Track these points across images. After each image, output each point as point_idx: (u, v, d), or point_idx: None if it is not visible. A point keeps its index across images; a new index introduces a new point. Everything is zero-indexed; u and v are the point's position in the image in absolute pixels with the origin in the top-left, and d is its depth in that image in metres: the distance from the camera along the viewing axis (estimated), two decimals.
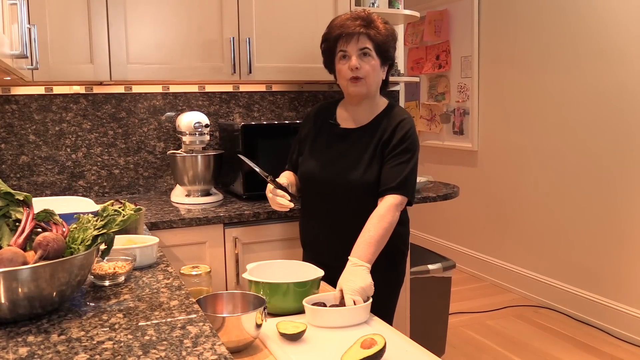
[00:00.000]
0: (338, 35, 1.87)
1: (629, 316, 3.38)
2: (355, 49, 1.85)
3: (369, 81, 1.88)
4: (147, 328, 1.08)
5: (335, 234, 1.93)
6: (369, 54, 1.86)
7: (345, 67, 1.88)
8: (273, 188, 1.91)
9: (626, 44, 3.32)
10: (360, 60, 1.85)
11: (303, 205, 2.06)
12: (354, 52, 1.85)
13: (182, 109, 2.81)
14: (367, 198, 1.85)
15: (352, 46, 1.85)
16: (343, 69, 1.89)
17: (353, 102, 1.97)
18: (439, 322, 2.97)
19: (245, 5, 2.57)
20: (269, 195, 1.93)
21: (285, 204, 1.88)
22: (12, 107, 2.55)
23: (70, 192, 2.65)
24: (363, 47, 1.85)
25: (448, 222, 4.98)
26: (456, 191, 2.78)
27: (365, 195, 1.85)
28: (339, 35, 1.87)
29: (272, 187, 1.91)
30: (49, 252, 1.15)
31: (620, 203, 3.41)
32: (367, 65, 1.86)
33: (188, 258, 2.23)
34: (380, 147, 1.88)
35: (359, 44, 1.85)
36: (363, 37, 1.85)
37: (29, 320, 1.12)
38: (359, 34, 1.85)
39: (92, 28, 2.34)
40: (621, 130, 3.38)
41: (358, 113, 1.97)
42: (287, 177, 2.04)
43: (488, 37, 4.40)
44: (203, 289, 1.59)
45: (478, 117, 4.54)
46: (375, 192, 1.84)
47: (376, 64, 1.88)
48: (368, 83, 1.88)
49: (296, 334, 1.33)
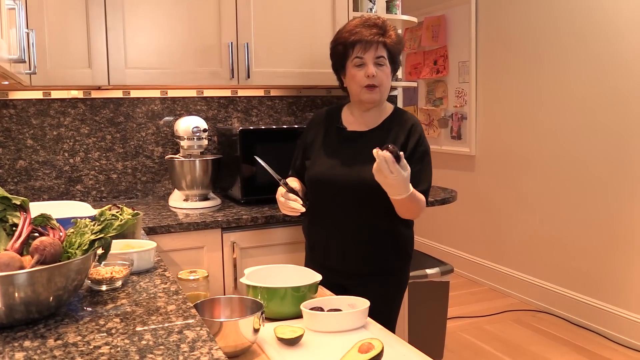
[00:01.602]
0: (355, 42, 1.89)
1: (626, 320, 3.38)
2: (372, 56, 1.88)
3: (382, 89, 1.92)
4: (144, 333, 1.08)
5: (345, 237, 1.94)
6: (383, 63, 1.90)
7: (360, 73, 1.90)
8: (285, 192, 1.91)
9: (622, 49, 3.33)
10: (376, 68, 1.89)
11: (311, 208, 2.05)
12: (370, 60, 1.88)
13: (180, 113, 2.81)
14: (378, 200, 1.85)
15: (370, 54, 1.88)
16: (358, 75, 1.90)
17: (363, 108, 1.98)
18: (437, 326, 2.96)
19: (244, 10, 2.58)
20: (281, 200, 1.92)
21: (298, 208, 1.89)
22: (10, 111, 2.55)
23: (68, 196, 2.65)
24: (380, 55, 1.89)
25: (446, 226, 4.98)
26: (454, 196, 2.78)
27: (376, 197, 1.85)
28: (355, 41, 1.89)
29: (283, 190, 1.91)
30: (45, 256, 1.15)
31: (618, 207, 3.42)
32: (382, 73, 1.90)
33: (186, 263, 2.22)
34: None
35: (377, 52, 1.88)
36: (380, 46, 1.89)
37: (26, 325, 1.12)
38: (377, 43, 1.88)
39: (90, 33, 2.35)
40: (618, 134, 3.39)
41: (366, 117, 1.99)
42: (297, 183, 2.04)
43: (485, 43, 4.41)
44: (201, 294, 1.58)
45: (476, 122, 4.55)
46: (386, 194, 1.84)
47: (389, 72, 1.93)
48: (382, 91, 1.92)
49: (294, 339, 1.33)
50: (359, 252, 1.93)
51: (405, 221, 1.95)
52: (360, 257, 1.93)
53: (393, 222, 1.91)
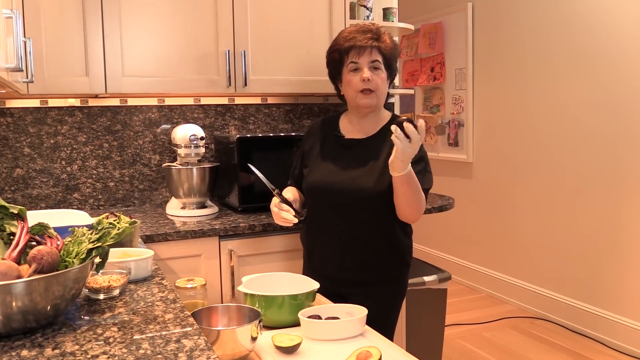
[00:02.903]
0: (349, 47, 1.90)
1: (624, 327, 3.38)
2: (366, 61, 1.89)
3: (378, 93, 1.93)
4: (142, 342, 1.08)
5: (343, 245, 1.93)
6: (379, 67, 1.91)
7: (356, 78, 1.90)
8: (279, 202, 1.90)
9: (618, 56, 3.35)
10: (371, 72, 1.89)
11: (309, 216, 2.05)
12: (365, 65, 1.89)
13: (178, 121, 2.82)
14: (377, 207, 1.86)
15: (364, 59, 1.89)
16: (354, 80, 1.91)
17: (360, 114, 1.99)
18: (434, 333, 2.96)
19: (241, 18, 2.58)
20: (274, 210, 1.92)
21: (290, 219, 1.88)
22: (7, 119, 2.55)
23: (65, 205, 2.65)
24: (374, 60, 1.90)
25: (443, 233, 4.98)
26: (451, 203, 2.78)
27: (376, 204, 1.86)
28: (350, 47, 1.90)
29: (277, 200, 1.91)
30: (43, 265, 1.14)
31: (616, 214, 3.43)
32: (378, 77, 1.91)
33: (183, 271, 2.22)
34: None
35: (371, 56, 1.89)
36: (375, 50, 1.90)
37: (23, 334, 1.11)
38: (371, 47, 1.89)
39: (87, 41, 2.35)
40: (614, 141, 3.40)
41: (363, 124, 1.99)
42: (292, 193, 2.04)
43: (482, 50, 4.43)
44: (198, 302, 1.58)
45: (473, 128, 4.56)
46: (386, 201, 1.84)
47: (384, 77, 1.93)
48: (378, 95, 1.93)
49: (292, 347, 1.33)
50: (356, 260, 1.93)
51: (403, 229, 1.95)
52: (358, 265, 1.93)
53: (391, 229, 1.91)
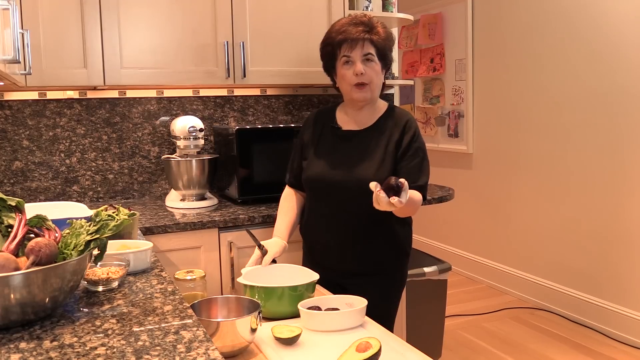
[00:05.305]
0: (341, 41, 1.88)
1: (625, 317, 3.38)
2: (359, 54, 1.87)
3: (373, 86, 1.91)
4: (141, 333, 1.07)
5: (342, 237, 1.93)
6: (372, 60, 1.89)
7: (349, 72, 1.89)
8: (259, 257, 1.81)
9: (620, 46, 3.33)
10: (364, 65, 1.87)
11: (309, 208, 2.05)
12: (358, 58, 1.87)
13: (177, 113, 2.81)
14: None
15: (357, 52, 1.87)
16: (347, 74, 1.89)
17: (356, 107, 1.98)
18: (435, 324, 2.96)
19: (239, 9, 2.57)
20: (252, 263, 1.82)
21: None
22: (5, 112, 2.54)
23: (65, 197, 2.64)
24: (367, 52, 1.88)
25: (443, 224, 4.98)
26: (451, 194, 2.78)
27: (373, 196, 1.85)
28: (342, 40, 1.88)
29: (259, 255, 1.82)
30: (41, 257, 1.14)
31: (616, 204, 3.42)
32: (371, 70, 1.89)
33: (183, 263, 2.22)
34: (391, 146, 1.89)
35: (363, 49, 1.87)
36: (367, 43, 1.87)
37: (21, 326, 1.11)
38: (364, 40, 1.87)
39: (85, 33, 2.34)
40: (616, 131, 3.39)
41: (360, 116, 1.98)
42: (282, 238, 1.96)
43: (482, 40, 4.41)
44: (197, 294, 1.58)
45: (473, 119, 4.55)
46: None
47: (378, 69, 1.91)
48: (372, 88, 1.91)
49: (291, 338, 1.33)
50: (356, 251, 1.93)
51: (403, 220, 1.95)
52: (358, 256, 1.93)
53: (391, 220, 1.91)
